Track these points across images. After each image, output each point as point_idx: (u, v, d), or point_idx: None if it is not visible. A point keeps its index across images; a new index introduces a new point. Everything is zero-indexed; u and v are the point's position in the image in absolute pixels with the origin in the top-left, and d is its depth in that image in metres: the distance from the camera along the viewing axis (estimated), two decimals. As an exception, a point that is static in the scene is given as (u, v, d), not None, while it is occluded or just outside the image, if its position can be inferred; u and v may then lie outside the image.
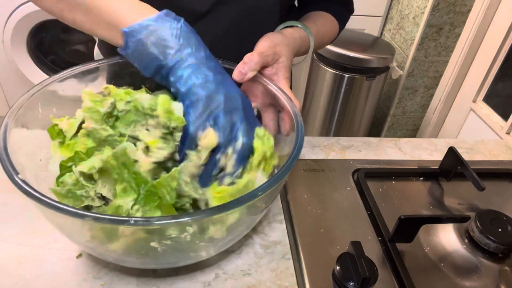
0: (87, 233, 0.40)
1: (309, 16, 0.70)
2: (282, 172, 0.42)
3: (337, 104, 1.85)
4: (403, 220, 0.52)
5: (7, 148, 0.40)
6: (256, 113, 0.57)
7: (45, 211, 0.37)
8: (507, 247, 0.54)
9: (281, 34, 0.58)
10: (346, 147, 0.75)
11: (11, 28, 1.73)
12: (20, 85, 1.92)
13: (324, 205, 0.61)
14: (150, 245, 0.40)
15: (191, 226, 0.39)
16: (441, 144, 0.79)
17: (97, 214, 0.35)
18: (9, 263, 0.49)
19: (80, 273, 0.48)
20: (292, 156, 0.44)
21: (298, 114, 0.51)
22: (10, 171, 0.37)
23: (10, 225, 0.53)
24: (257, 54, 0.52)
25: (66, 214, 0.35)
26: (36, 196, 0.35)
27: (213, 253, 0.48)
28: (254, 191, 0.39)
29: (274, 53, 0.54)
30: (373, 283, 0.47)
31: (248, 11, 0.62)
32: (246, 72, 0.51)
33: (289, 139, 0.52)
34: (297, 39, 0.60)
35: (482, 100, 1.66)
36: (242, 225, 0.45)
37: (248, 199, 0.38)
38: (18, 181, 0.37)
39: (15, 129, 0.44)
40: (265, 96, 0.55)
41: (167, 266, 0.48)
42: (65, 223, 0.41)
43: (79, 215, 0.35)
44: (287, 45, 0.57)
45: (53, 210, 0.35)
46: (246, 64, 0.51)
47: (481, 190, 0.61)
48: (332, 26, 0.71)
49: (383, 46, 1.83)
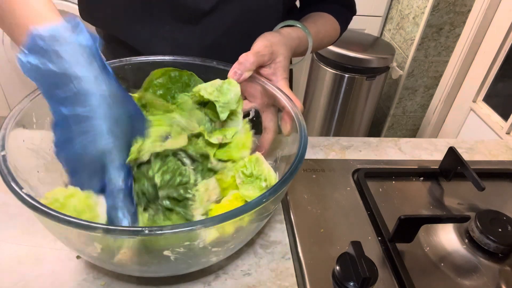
0: (96, 245, 0.40)
1: (309, 17, 0.69)
2: (289, 174, 0.41)
3: (337, 104, 1.85)
4: (403, 220, 0.52)
5: (7, 162, 0.39)
6: (254, 114, 0.57)
7: (54, 226, 0.37)
8: (507, 247, 0.54)
9: (278, 33, 0.57)
10: (346, 147, 0.75)
11: (11, 28, 1.73)
12: (20, 85, 1.92)
13: (324, 205, 0.61)
14: (163, 254, 0.39)
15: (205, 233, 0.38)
16: (441, 144, 0.79)
17: (108, 226, 0.35)
18: (9, 263, 0.49)
19: (80, 273, 0.48)
20: (297, 158, 0.44)
21: (300, 114, 0.50)
22: (14, 187, 0.37)
23: (10, 225, 0.53)
24: (252, 54, 0.51)
25: (77, 228, 0.34)
26: (43, 210, 0.35)
27: (223, 257, 0.48)
28: (262, 196, 0.39)
29: (271, 52, 0.53)
30: (373, 283, 0.47)
31: (251, 10, 0.62)
32: (242, 73, 0.51)
33: (290, 140, 0.52)
34: (295, 39, 0.59)
35: (482, 100, 1.66)
36: (251, 228, 0.45)
37: (256, 204, 0.38)
38: (24, 196, 0.36)
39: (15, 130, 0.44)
40: (264, 97, 0.55)
41: (176, 273, 0.48)
42: (77, 238, 0.40)
43: (90, 228, 0.34)
44: (285, 45, 0.56)
45: (62, 224, 0.34)
46: (241, 65, 0.51)
47: (481, 190, 0.61)
48: (333, 27, 0.71)
49: (383, 46, 1.83)
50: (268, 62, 0.54)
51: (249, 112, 0.58)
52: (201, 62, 0.56)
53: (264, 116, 0.55)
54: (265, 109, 0.55)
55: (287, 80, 0.56)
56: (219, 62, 0.56)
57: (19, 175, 0.39)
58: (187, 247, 0.39)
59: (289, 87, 0.55)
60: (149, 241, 0.37)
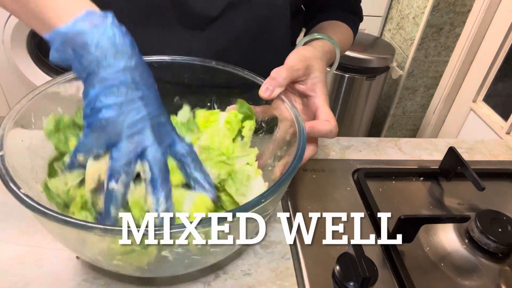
0: (99, 245, 0.39)
1: (325, 26, 0.66)
2: (287, 175, 0.41)
3: (337, 104, 1.85)
4: (403, 220, 0.52)
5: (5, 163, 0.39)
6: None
7: (54, 226, 0.37)
8: (507, 247, 0.54)
9: (311, 47, 0.54)
10: (346, 147, 0.75)
11: (11, 28, 1.73)
12: (20, 85, 1.92)
13: (324, 205, 0.61)
14: (161, 255, 0.39)
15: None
16: (441, 144, 0.79)
17: (114, 227, 0.35)
18: (9, 263, 0.49)
19: (80, 273, 0.48)
20: (296, 158, 0.44)
21: (299, 115, 0.49)
22: (12, 188, 0.36)
23: (10, 225, 0.53)
24: (285, 68, 0.49)
25: (75, 228, 0.34)
26: (42, 210, 0.35)
27: (221, 257, 0.47)
28: (259, 197, 0.39)
29: (306, 67, 0.51)
30: (373, 283, 0.47)
31: (259, 15, 0.61)
32: (274, 89, 0.48)
33: (291, 141, 0.52)
34: (327, 52, 0.56)
35: (482, 100, 1.66)
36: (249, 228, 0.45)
37: (255, 204, 0.38)
38: (22, 196, 0.36)
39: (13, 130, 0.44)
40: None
41: (175, 274, 0.48)
42: (79, 239, 0.40)
43: (87, 227, 0.34)
44: (320, 59, 0.53)
45: (61, 224, 0.34)
46: (273, 80, 0.48)
47: (481, 190, 0.61)
48: (349, 35, 0.68)
49: (383, 46, 1.83)
50: (303, 78, 0.51)
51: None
52: (200, 63, 0.56)
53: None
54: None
55: (327, 96, 0.53)
56: (218, 62, 0.55)
57: (18, 175, 0.39)
58: (184, 248, 0.39)
59: (328, 104, 0.52)
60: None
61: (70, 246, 0.43)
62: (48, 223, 0.35)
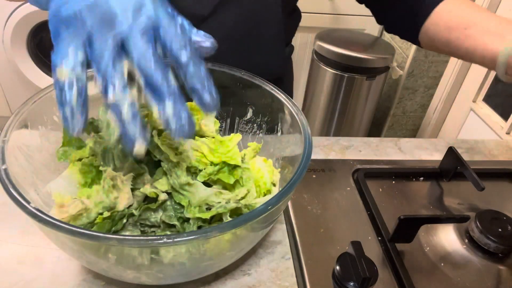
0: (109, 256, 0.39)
1: (466, 15, 0.58)
2: (293, 181, 0.41)
3: (337, 104, 1.85)
4: (403, 220, 0.52)
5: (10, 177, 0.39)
6: (252, 114, 0.56)
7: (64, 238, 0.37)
8: (507, 247, 0.54)
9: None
10: (346, 147, 0.75)
11: (11, 28, 1.73)
12: (20, 85, 1.92)
13: (324, 205, 0.61)
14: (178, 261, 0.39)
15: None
16: (441, 144, 0.79)
17: (126, 236, 0.35)
18: (9, 263, 0.49)
19: (80, 273, 0.48)
20: (302, 163, 0.43)
21: (304, 119, 0.49)
22: (21, 202, 0.37)
23: (10, 225, 0.53)
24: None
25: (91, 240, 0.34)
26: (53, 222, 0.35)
27: (224, 265, 0.47)
28: (267, 203, 0.38)
29: None
30: (373, 283, 0.47)
31: (250, 13, 0.61)
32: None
33: (292, 140, 0.52)
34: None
35: (482, 100, 1.66)
36: (250, 237, 0.45)
37: (261, 212, 0.38)
38: (32, 210, 0.36)
39: (16, 130, 0.44)
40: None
41: (176, 281, 0.47)
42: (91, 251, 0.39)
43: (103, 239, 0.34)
44: None
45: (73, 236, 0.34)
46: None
47: (481, 190, 0.61)
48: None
49: (383, 46, 1.83)
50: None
51: (247, 113, 0.57)
52: None
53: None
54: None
55: None
56: (214, 63, 0.55)
57: (19, 181, 0.39)
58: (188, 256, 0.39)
59: None
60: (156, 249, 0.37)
61: (77, 257, 0.43)
62: (61, 236, 0.36)
